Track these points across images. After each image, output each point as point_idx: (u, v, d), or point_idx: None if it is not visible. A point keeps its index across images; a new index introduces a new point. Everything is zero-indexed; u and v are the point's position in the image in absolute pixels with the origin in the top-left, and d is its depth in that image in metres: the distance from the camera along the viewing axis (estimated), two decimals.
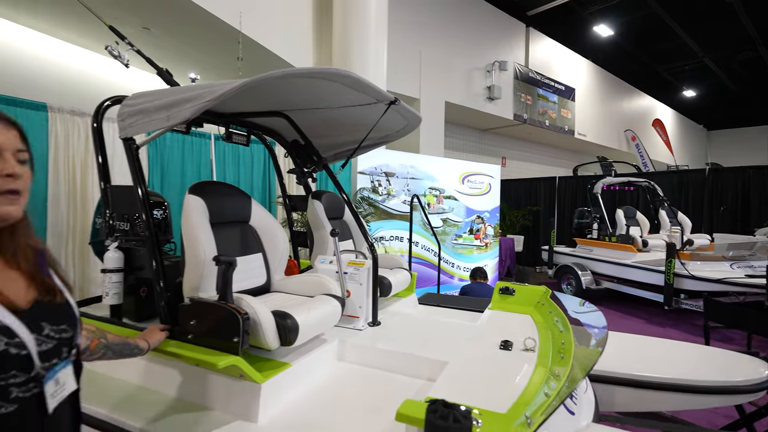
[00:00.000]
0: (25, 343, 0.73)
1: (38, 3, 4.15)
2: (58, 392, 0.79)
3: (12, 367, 0.71)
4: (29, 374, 0.74)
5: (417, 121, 2.49)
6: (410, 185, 5.40)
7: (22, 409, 0.73)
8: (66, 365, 0.82)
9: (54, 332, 0.79)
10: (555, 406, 1.13)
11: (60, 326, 0.81)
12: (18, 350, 0.72)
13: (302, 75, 1.60)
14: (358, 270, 2.10)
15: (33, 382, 0.75)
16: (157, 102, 1.69)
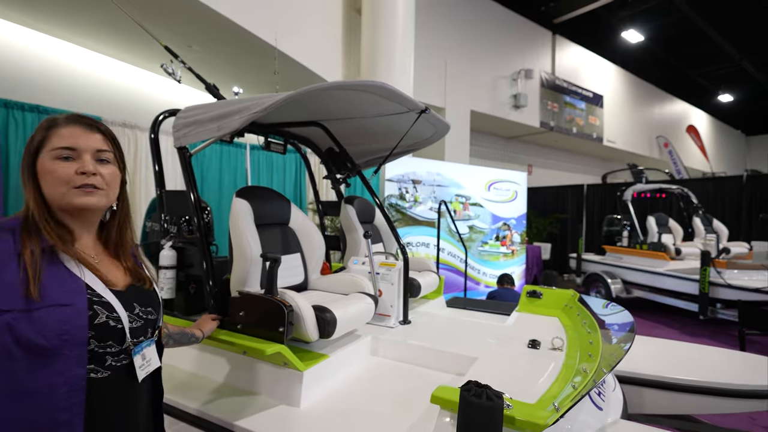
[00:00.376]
0: (121, 318, 0.86)
1: (94, 25, 4.51)
2: (145, 366, 0.92)
3: (110, 337, 0.84)
4: (121, 346, 0.87)
5: (445, 128, 2.59)
6: (436, 192, 5.48)
7: (114, 376, 0.85)
8: (151, 344, 0.96)
9: (142, 313, 0.93)
10: (582, 395, 1.19)
11: (147, 308, 0.94)
12: (115, 324, 0.85)
13: (343, 87, 1.73)
14: (390, 271, 2.20)
15: (124, 353, 0.88)
16: (208, 114, 1.86)
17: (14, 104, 3.40)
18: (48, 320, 0.75)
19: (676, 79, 15.42)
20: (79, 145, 0.85)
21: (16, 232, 0.80)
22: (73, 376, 0.77)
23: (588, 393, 1.50)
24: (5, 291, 0.73)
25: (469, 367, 1.63)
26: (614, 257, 6.45)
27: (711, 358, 2.23)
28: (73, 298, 0.80)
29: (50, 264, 0.80)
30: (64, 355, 0.76)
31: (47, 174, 0.84)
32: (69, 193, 0.84)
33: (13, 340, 0.72)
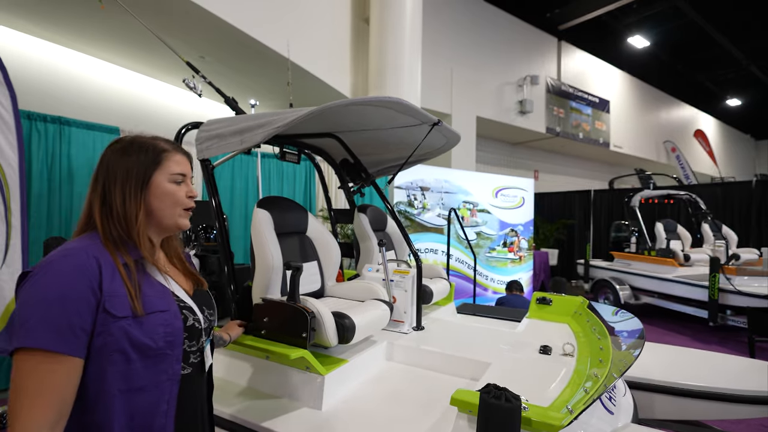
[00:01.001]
0: (200, 320, 0.96)
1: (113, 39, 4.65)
2: (207, 361, 1.02)
3: (194, 337, 0.93)
4: (198, 345, 0.96)
5: (456, 139, 2.66)
6: (444, 199, 5.54)
7: (193, 372, 0.95)
8: (209, 342, 1.04)
9: (209, 315, 1.02)
10: (594, 399, 1.24)
11: (210, 310, 1.03)
12: (198, 325, 0.94)
13: (362, 103, 1.81)
14: (404, 278, 2.27)
15: (199, 351, 0.97)
16: (231, 128, 1.95)
17: (37, 116, 3.51)
18: (154, 325, 0.83)
19: (683, 84, 15.41)
20: (186, 171, 0.97)
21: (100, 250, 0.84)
22: (173, 373, 0.87)
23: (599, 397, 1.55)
24: (121, 301, 0.80)
25: (483, 372, 1.69)
26: (622, 263, 6.46)
27: (721, 365, 2.26)
28: (168, 303, 0.88)
29: (143, 274, 0.89)
30: (168, 354, 0.85)
31: (166, 195, 0.92)
32: (179, 214, 0.95)
33: (130, 344, 0.80)
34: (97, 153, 3.84)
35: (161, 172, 0.92)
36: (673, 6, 10.44)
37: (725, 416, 1.99)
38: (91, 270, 0.78)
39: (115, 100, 5.10)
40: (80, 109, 4.41)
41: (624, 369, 1.47)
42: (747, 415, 1.99)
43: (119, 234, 0.87)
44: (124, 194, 0.88)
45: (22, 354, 0.72)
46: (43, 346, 0.72)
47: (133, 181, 0.89)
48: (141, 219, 0.89)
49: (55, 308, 0.74)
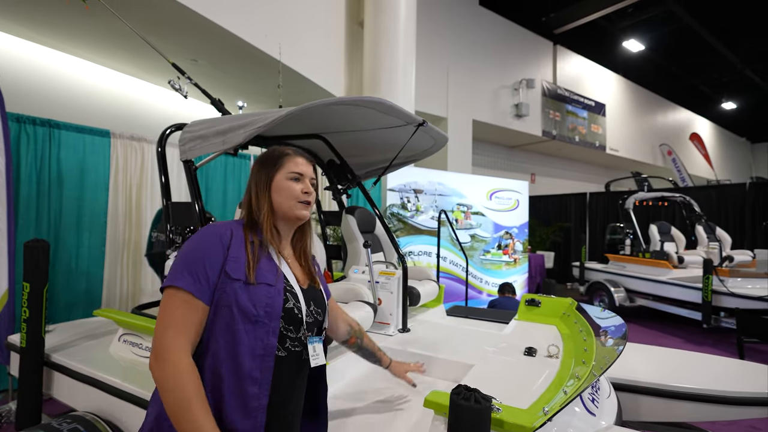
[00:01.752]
0: (302, 309, 1.05)
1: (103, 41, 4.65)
2: (315, 357, 1.09)
3: (292, 322, 1.03)
4: (297, 334, 1.04)
5: (444, 140, 2.66)
6: (438, 202, 5.53)
7: (289, 358, 1.02)
8: (320, 341, 1.13)
9: (314, 312, 1.10)
10: (571, 399, 1.22)
11: (318, 309, 1.12)
12: (298, 312, 1.04)
13: (343, 103, 1.80)
14: (389, 279, 2.25)
15: (298, 341, 1.04)
16: (214, 128, 1.94)
17: (26, 118, 3.50)
18: (259, 294, 0.97)
19: (678, 88, 15.49)
20: (304, 171, 1.12)
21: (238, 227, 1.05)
22: (268, 344, 0.96)
23: (579, 397, 1.54)
24: (239, 266, 0.97)
25: (465, 374, 1.67)
26: (617, 266, 6.46)
27: (709, 366, 2.24)
28: (276, 281, 1.02)
29: (262, 253, 1.04)
30: (265, 323, 0.96)
31: (283, 190, 1.09)
32: (295, 205, 1.09)
33: (236, 304, 0.94)
34: (87, 155, 3.83)
35: (281, 171, 1.10)
36: (667, 10, 10.51)
37: (713, 418, 1.98)
38: (225, 237, 1.00)
39: (105, 102, 5.09)
40: (70, 112, 4.40)
41: (605, 368, 1.45)
42: (735, 416, 1.97)
43: (253, 220, 1.08)
44: (258, 192, 1.10)
45: (169, 291, 0.93)
46: (181, 286, 0.92)
47: (263, 181, 1.10)
48: (266, 210, 1.08)
49: (195, 260, 0.95)
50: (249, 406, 0.91)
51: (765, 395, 1.93)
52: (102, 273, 3.91)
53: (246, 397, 0.91)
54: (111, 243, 3.95)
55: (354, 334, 1.47)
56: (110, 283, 3.96)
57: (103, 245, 3.90)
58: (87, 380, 1.89)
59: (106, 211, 3.93)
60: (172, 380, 0.85)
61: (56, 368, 2.06)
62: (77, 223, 3.78)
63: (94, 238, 3.87)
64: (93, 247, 3.86)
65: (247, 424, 0.91)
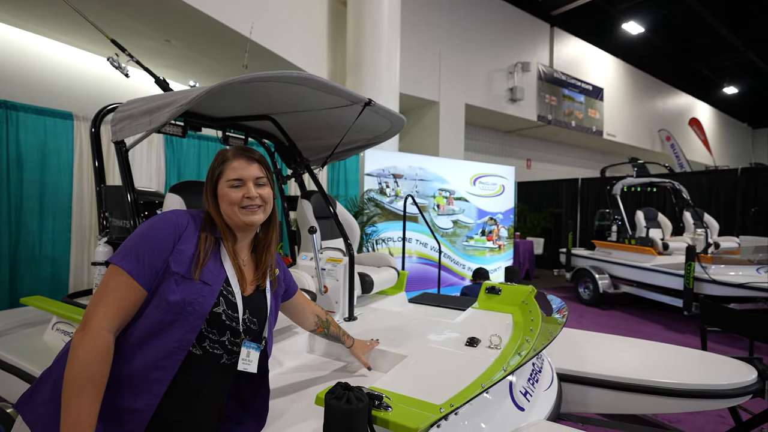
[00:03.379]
0: (235, 317, 1.05)
1: (60, 16, 4.49)
2: (246, 363, 1.08)
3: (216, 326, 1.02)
4: (220, 337, 1.04)
5: (400, 122, 2.54)
6: (419, 187, 5.42)
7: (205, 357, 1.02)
8: (256, 348, 1.11)
9: (248, 321, 1.09)
10: (477, 394, 1.14)
11: (253, 318, 1.11)
12: (225, 319, 1.03)
13: (266, 80, 1.69)
14: (336, 266, 2.17)
15: (218, 344, 1.04)
16: (142, 107, 1.83)
17: None
18: (193, 290, 0.96)
19: (679, 71, 15.15)
20: (243, 175, 1.08)
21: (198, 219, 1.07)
22: (184, 339, 0.96)
23: (509, 391, 1.46)
24: (182, 259, 0.98)
25: (395, 365, 1.60)
26: (603, 252, 6.37)
27: (663, 357, 2.17)
28: (214, 281, 1.01)
29: (214, 250, 1.05)
30: (188, 321, 0.96)
31: (223, 198, 1.08)
32: (239, 212, 1.08)
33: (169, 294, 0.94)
34: (49, 138, 3.73)
35: (222, 180, 1.09)
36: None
37: (665, 410, 1.91)
38: (179, 227, 1.00)
39: (67, 81, 4.96)
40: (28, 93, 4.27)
41: (525, 360, 1.37)
42: (688, 408, 1.90)
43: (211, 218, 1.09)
44: (207, 198, 1.11)
45: (114, 268, 0.94)
46: (125, 267, 0.92)
47: (209, 189, 1.11)
48: (215, 216, 1.09)
49: (145, 245, 0.96)
50: (146, 389, 0.93)
51: (712, 387, 1.86)
52: (68, 258, 3.84)
53: (148, 380, 0.93)
54: (77, 228, 3.87)
55: (321, 324, 1.53)
56: (77, 269, 3.89)
57: (69, 231, 3.83)
58: (11, 370, 1.82)
59: (71, 195, 3.84)
60: (83, 353, 0.86)
61: None
62: (40, 208, 3.69)
63: (58, 223, 3.79)
64: (57, 232, 3.78)
65: (140, 402, 0.92)
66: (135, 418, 0.91)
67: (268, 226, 1.19)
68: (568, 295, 6.55)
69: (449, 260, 5.80)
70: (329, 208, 2.25)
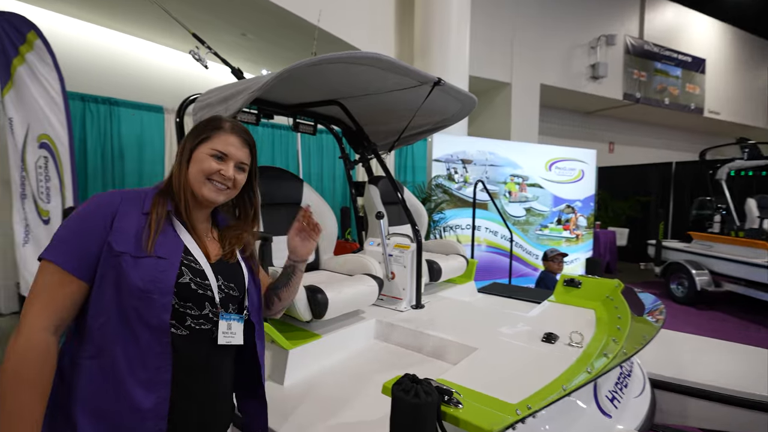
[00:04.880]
0: (209, 285, 0.96)
1: (152, 18, 4.89)
2: (228, 335, 0.99)
3: (189, 299, 0.93)
4: (201, 311, 0.95)
5: (472, 102, 2.40)
6: (489, 172, 5.18)
7: (192, 336, 0.93)
8: (239, 320, 1.02)
9: (225, 287, 1.00)
10: (561, 397, 1.03)
11: (230, 283, 1.01)
12: (197, 288, 0.94)
13: (334, 61, 1.66)
14: (403, 253, 2.12)
15: (203, 319, 0.95)
16: (219, 96, 1.91)
17: (89, 97, 3.80)
18: (149, 267, 0.88)
19: None
20: (230, 153, 1.01)
21: (147, 197, 0.96)
22: (161, 321, 0.87)
23: (594, 395, 1.32)
24: (124, 237, 0.88)
25: (464, 358, 1.52)
26: (702, 245, 5.64)
27: None
28: (170, 254, 0.92)
29: (168, 224, 0.95)
30: (154, 299, 0.87)
31: (198, 162, 0.99)
32: (203, 183, 0.99)
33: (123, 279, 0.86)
34: (144, 131, 4.09)
35: (206, 144, 1.00)
36: None
37: None
38: (111, 206, 0.90)
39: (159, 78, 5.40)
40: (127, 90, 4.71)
41: (616, 362, 1.21)
42: None
43: (171, 188, 0.99)
44: (180, 160, 1.01)
45: (42, 264, 0.86)
46: (54, 260, 0.85)
47: (187, 149, 1.01)
48: (183, 181, 0.99)
49: (75, 232, 0.87)
50: (151, 380, 0.86)
51: None
52: None
53: (147, 371, 0.86)
54: None
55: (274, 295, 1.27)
56: None
57: None
58: None
59: None
60: (15, 355, 0.80)
61: None
62: None
63: None
64: None
65: (150, 399, 0.86)
66: (153, 416, 0.86)
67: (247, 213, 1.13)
68: (657, 291, 5.92)
69: (521, 250, 5.51)
70: (397, 194, 2.20)
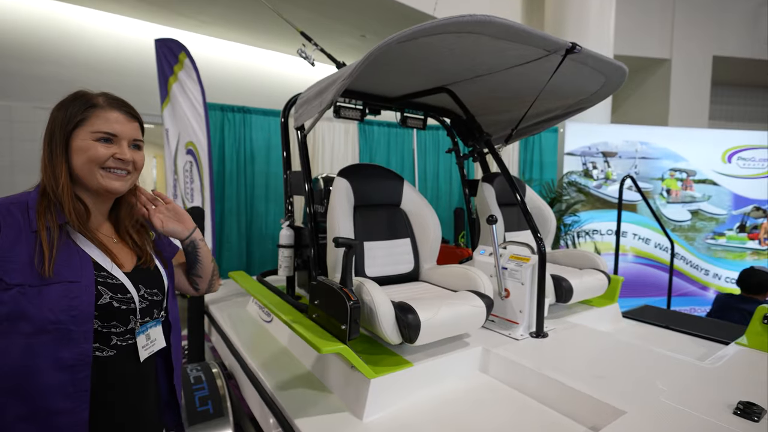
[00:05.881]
0: (131, 298, 0.88)
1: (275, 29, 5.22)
2: (149, 346, 0.92)
3: (114, 318, 0.85)
4: (126, 327, 0.87)
5: (621, 73, 1.86)
6: (639, 167, 4.24)
7: (119, 354, 0.86)
8: (157, 324, 0.95)
9: (148, 294, 0.92)
10: None
11: (152, 290, 0.94)
12: (119, 305, 0.85)
13: (431, 32, 1.37)
14: (521, 266, 1.72)
15: (129, 334, 0.88)
16: (314, 90, 1.80)
17: (228, 107, 4.20)
18: (56, 296, 0.77)
19: None
20: (119, 131, 0.87)
21: (30, 208, 0.81)
22: (80, 352, 0.79)
23: None
24: (16, 266, 0.76)
25: (606, 424, 1.09)
26: None
27: None
28: (81, 275, 0.80)
29: (63, 241, 0.82)
30: (71, 330, 0.78)
31: (83, 151, 0.84)
32: (98, 173, 0.85)
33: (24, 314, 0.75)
34: (271, 135, 4.38)
35: (84, 129, 0.85)
36: None
37: None
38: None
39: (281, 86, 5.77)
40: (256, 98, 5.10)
41: None
42: None
43: (49, 191, 0.83)
44: (51, 150, 0.84)
45: None
46: None
47: (57, 138, 0.84)
48: (64, 179, 0.83)
49: None
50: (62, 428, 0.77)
51: None
52: None
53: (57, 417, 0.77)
54: None
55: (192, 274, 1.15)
56: None
57: None
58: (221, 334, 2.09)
59: None
60: None
61: (209, 317, 2.38)
62: (265, 195, 4.41)
63: (279, 206, 4.45)
64: (278, 215, 4.44)
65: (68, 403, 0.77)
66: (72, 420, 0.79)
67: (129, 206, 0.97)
68: None
69: (684, 263, 4.40)
70: (515, 194, 1.80)
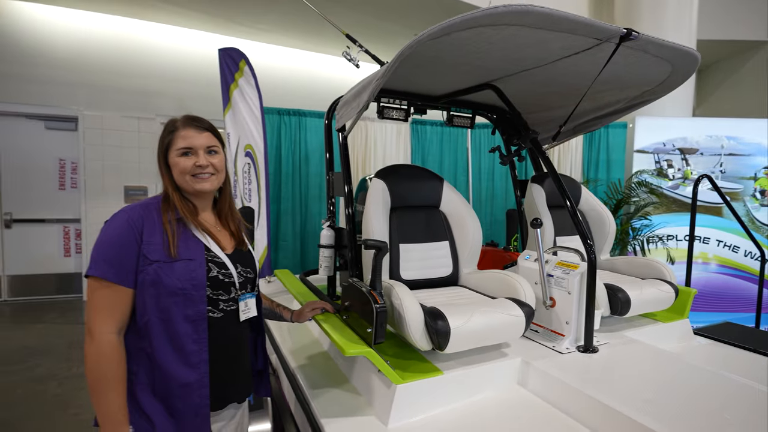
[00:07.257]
0: (231, 273, 1.15)
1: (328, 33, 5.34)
2: (246, 312, 1.19)
3: (220, 288, 1.12)
4: (229, 295, 1.15)
5: (688, 60, 1.65)
6: (726, 165, 3.75)
7: (225, 317, 1.14)
8: (252, 296, 1.22)
9: (243, 272, 1.19)
10: None
11: (246, 268, 1.21)
12: (224, 278, 1.13)
13: (465, 26, 1.32)
14: (568, 274, 1.59)
15: (232, 301, 1.16)
16: (353, 92, 1.80)
17: (284, 111, 4.38)
18: (181, 270, 1.05)
19: None
20: (193, 144, 1.12)
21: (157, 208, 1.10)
22: (199, 310, 1.07)
23: None
24: (155, 248, 1.04)
25: None
26: None
27: None
28: (196, 255, 1.09)
29: (182, 230, 1.10)
30: (192, 295, 1.06)
31: (175, 166, 1.12)
32: (190, 180, 1.12)
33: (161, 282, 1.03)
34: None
35: (173, 150, 1.12)
36: None
37: None
38: (136, 221, 1.04)
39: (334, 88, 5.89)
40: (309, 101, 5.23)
41: None
42: None
43: (168, 196, 1.12)
44: (160, 168, 1.14)
45: (90, 280, 1.02)
46: (101, 275, 1.00)
47: (161, 161, 1.14)
48: (170, 189, 1.12)
49: (110, 248, 1.02)
50: (191, 362, 1.05)
51: None
52: None
53: (187, 354, 1.04)
54: None
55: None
56: None
57: None
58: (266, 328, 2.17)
59: None
60: (92, 358, 0.97)
61: None
62: (319, 195, 4.52)
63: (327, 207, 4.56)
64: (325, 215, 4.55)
65: (194, 375, 1.05)
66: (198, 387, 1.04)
67: (223, 191, 1.23)
68: None
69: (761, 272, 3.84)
70: (562, 194, 1.67)
